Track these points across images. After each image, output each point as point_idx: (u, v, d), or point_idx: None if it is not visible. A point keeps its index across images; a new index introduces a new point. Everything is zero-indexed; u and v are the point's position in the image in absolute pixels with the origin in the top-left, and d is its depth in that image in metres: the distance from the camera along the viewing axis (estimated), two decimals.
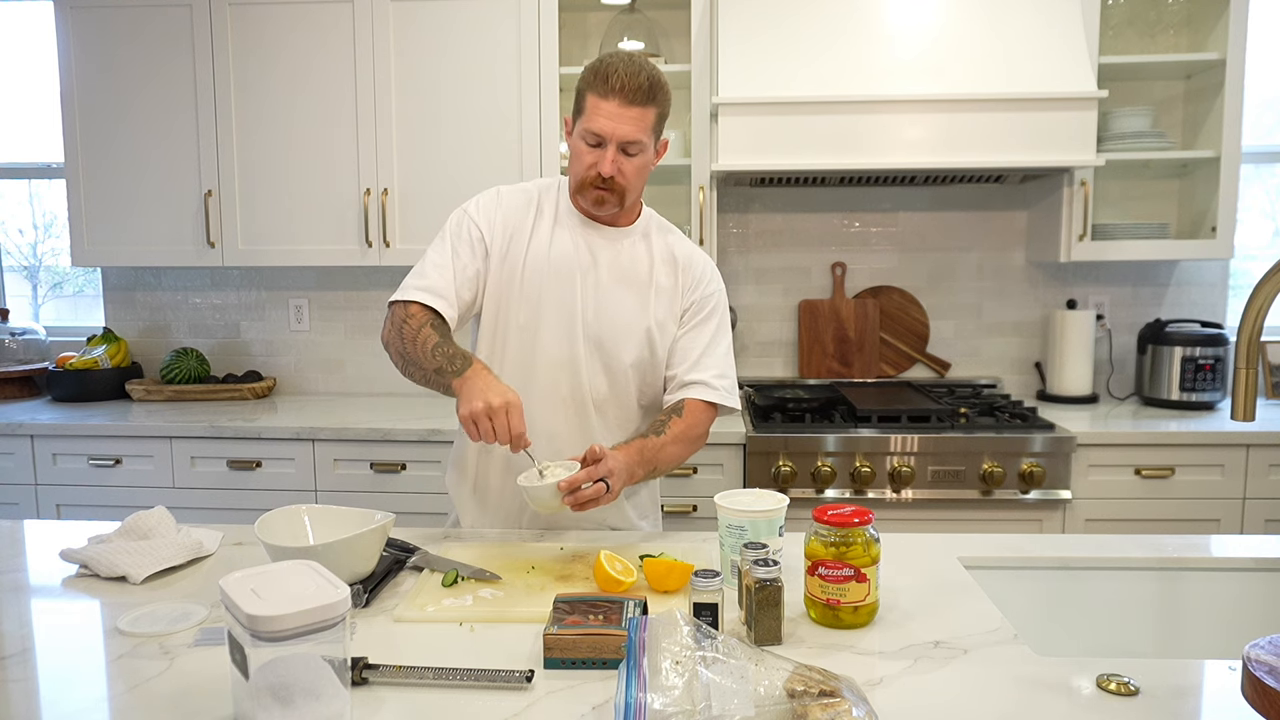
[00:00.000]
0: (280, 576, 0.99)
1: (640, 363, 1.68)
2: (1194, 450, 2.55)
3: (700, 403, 1.66)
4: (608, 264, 1.66)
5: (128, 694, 1.06)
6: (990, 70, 2.57)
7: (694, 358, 1.68)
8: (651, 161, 1.64)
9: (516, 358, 1.67)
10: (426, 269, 1.64)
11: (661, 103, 1.58)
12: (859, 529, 1.21)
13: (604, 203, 1.62)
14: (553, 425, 1.66)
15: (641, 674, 0.93)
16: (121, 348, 3.20)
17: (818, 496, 2.53)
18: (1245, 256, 3.19)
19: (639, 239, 1.70)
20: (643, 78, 1.54)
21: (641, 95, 1.54)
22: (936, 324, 3.18)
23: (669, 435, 1.59)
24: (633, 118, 1.55)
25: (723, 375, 1.69)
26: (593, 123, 1.56)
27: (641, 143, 1.57)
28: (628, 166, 1.58)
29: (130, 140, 2.95)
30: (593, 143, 1.57)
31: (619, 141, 1.56)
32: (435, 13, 2.81)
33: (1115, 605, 1.46)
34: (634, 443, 1.56)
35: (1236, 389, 1.20)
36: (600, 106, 1.55)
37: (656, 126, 1.60)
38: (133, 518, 1.52)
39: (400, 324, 1.59)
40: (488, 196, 1.71)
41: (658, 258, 1.69)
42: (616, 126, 1.55)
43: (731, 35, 2.64)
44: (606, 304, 1.66)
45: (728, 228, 3.17)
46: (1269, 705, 0.85)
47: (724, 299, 1.75)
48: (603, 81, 1.54)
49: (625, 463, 1.49)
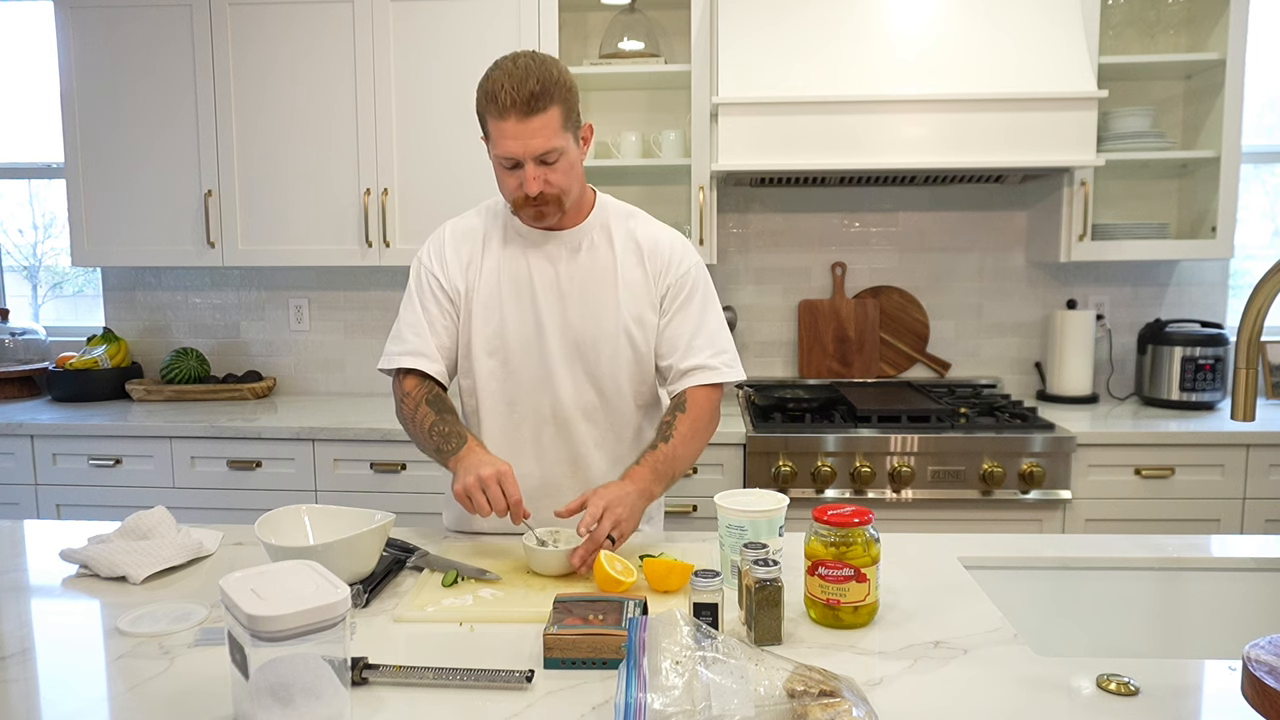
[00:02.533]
0: (280, 576, 0.99)
1: (625, 364, 1.64)
2: (1194, 450, 2.55)
3: (702, 388, 1.62)
4: (568, 272, 1.61)
5: (128, 694, 1.06)
6: (990, 70, 2.57)
7: (685, 343, 1.63)
8: (578, 155, 1.56)
9: (490, 388, 1.64)
10: (403, 331, 1.63)
11: (562, 98, 1.48)
12: (859, 529, 1.21)
13: (545, 215, 1.55)
14: (541, 448, 1.65)
15: (641, 674, 0.93)
16: (121, 348, 3.20)
17: (818, 496, 2.53)
18: (1245, 256, 3.19)
19: (597, 233, 1.64)
20: (531, 83, 1.44)
21: (536, 101, 1.45)
22: (936, 324, 3.18)
23: (678, 438, 1.55)
24: (536, 129, 1.46)
25: (720, 351, 1.63)
26: (500, 147, 1.48)
27: (557, 148, 1.49)
28: (554, 175, 1.51)
29: (130, 140, 2.95)
30: (509, 165, 1.51)
31: (533, 156, 1.48)
32: (435, 13, 2.81)
33: (1115, 605, 1.46)
34: (645, 460, 1.52)
35: (1236, 389, 1.20)
36: (501, 128, 1.47)
37: (567, 122, 1.50)
38: (133, 518, 1.52)
39: (399, 403, 1.61)
40: (435, 241, 1.67)
41: (620, 249, 1.63)
42: (525, 143, 1.47)
43: (731, 35, 2.64)
44: (575, 313, 1.61)
45: (728, 228, 3.17)
46: (1269, 705, 0.85)
47: (702, 273, 1.67)
48: (493, 102, 1.46)
49: (635, 489, 1.46)
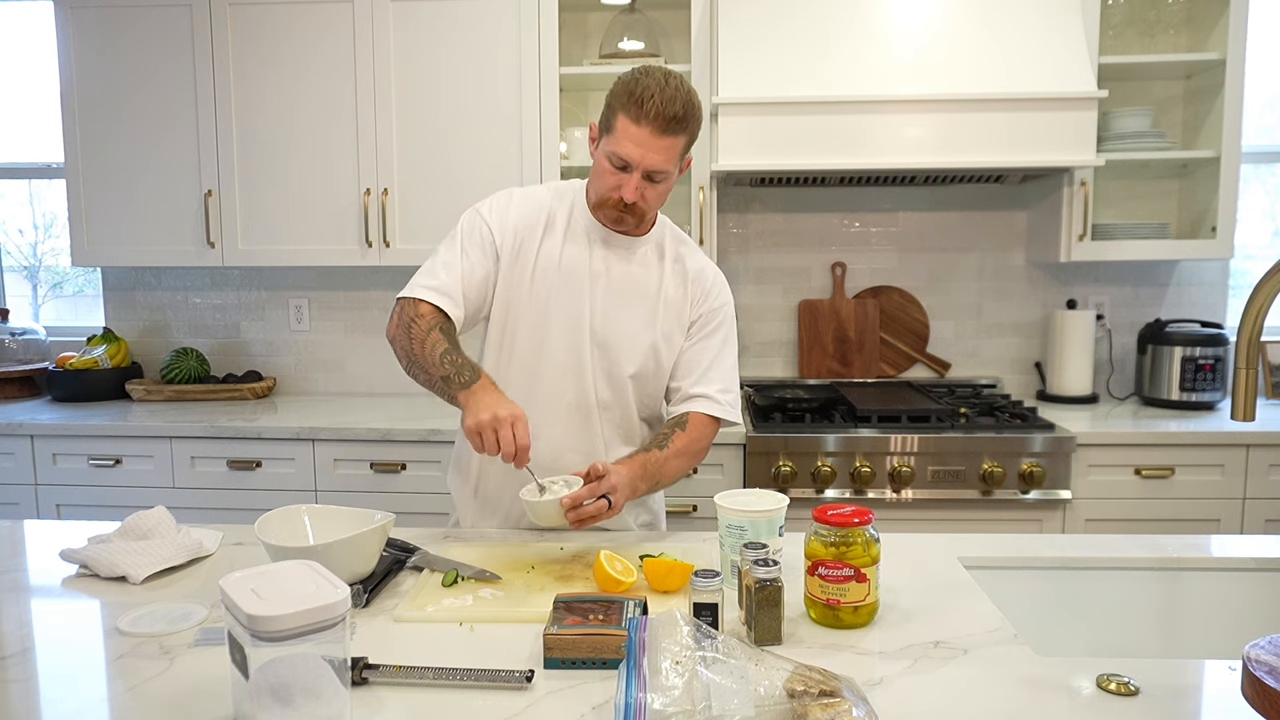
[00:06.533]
0: (280, 576, 0.99)
1: (642, 374, 1.67)
2: (1194, 450, 2.55)
3: (704, 416, 1.65)
4: (618, 274, 1.64)
5: (128, 694, 1.06)
6: (990, 70, 2.57)
7: (700, 370, 1.66)
8: (675, 180, 1.59)
9: (523, 361, 1.66)
10: (437, 268, 1.61)
11: (693, 129, 1.51)
12: (859, 529, 1.21)
13: (623, 223, 1.59)
14: (557, 429, 1.66)
15: (641, 674, 0.93)
16: (121, 348, 3.20)
17: (818, 496, 2.53)
18: (1245, 256, 3.19)
19: (652, 249, 1.67)
20: (678, 105, 1.46)
21: (675, 125, 1.47)
22: (936, 324, 3.18)
23: (672, 449, 1.58)
24: (663, 147, 1.48)
25: (727, 389, 1.67)
26: (620, 146, 1.49)
27: (668, 172, 1.52)
28: (651, 193, 1.54)
29: (130, 140, 2.95)
30: (618, 165, 1.51)
31: (645, 170, 1.50)
32: (435, 13, 2.81)
33: (1115, 605, 1.46)
34: (637, 457, 1.55)
35: (1236, 389, 1.20)
36: (630, 131, 1.47)
37: (685, 151, 1.54)
38: (132, 518, 1.52)
39: (409, 323, 1.56)
40: (501, 198, 1.67)
41: (669, 269, 1.66)
42: (645, 155, 1.48)
43: (731, 35, 2.64)
44: (614, 313, 1.64)
45: (728, 228, 3.17)
46: (1269, 705, 0.85)
47: (731, 312, 1.72)
48: (636, 105, 1.46)
49: (628, 478, 1.48)
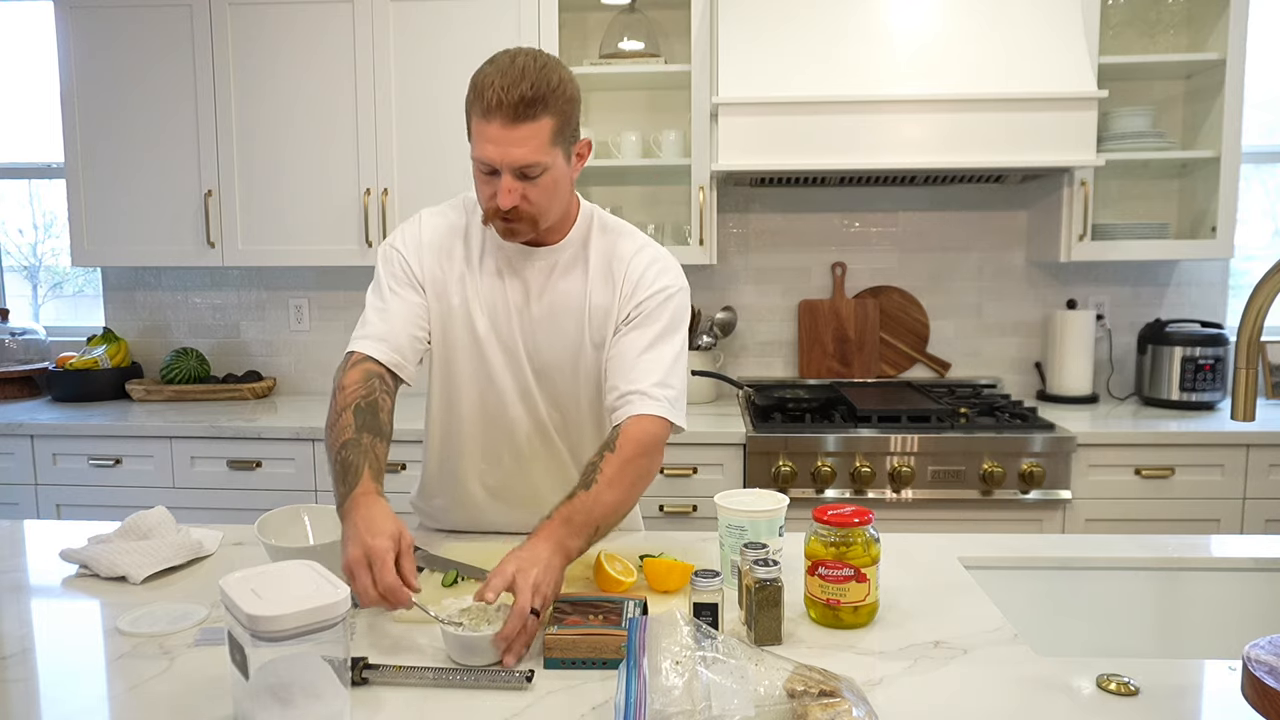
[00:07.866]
0: (280, 576, 0.99)
1: (588, 394, 1.53)
2: (1194, 450, 2.55)
3: (640, 421, 1.37)
4: (538, 293, 1.48)
5: (128, 694, 1.06)
6: (990, 70, 2.57)
7: (629, 362, 1.42)
8: (567, 173, 1.40)
9: (475, 400, 1.54)
10: (369, 316, 1.47)
11: (558, 109, 1.32)
12: (859, 529, 1.21)
13: (514, 233, 1.40)
14: (521, 457, 1.58)
15: (641, 674, 0.93)
16: (121, 348, 3.20)
17: (818, 496, 2.53)
18: (1245, 256, 3.18)
19: (576, 252, 1.49)
20: (524, 86, 1.28)
21: (528, 108, 1.28)
22: (936, 324, 3.18)
23: (601, 483, 1.31)
24: (522, 138, 1.30)
25: (663, 384, 1.40)
26: (479, 149, 1.33)
27: (541, 164, 1.32)
28: (532, 192, 1.35)
29: (130, 140, 2.95)
30: (485, 170, 1.34)
31: (512, 168, 1.32)
32: (435, 13, 2.81)
33: (1115, 605, 1.46)
34: (557, 513, 1.27)
35: (1236, 389, 1.20)
36: (483, 130, 1.31)
37: (559, 136, 1.34)
38: (132, 518, 1.52)
39: (336, 390, 1.39)
40: (410, 229, 1.51)
41: (593, 272, 1.48)
42: (505, 151, 1.30)
43: (731, 35, 2.64)
44: (544, 339, 1.49)
45: (728, 228, 3.17)
46: (1269, 705, 0.85)
47: (674, 298, 1.47)
48: (480, 99, 1.30)
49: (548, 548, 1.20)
